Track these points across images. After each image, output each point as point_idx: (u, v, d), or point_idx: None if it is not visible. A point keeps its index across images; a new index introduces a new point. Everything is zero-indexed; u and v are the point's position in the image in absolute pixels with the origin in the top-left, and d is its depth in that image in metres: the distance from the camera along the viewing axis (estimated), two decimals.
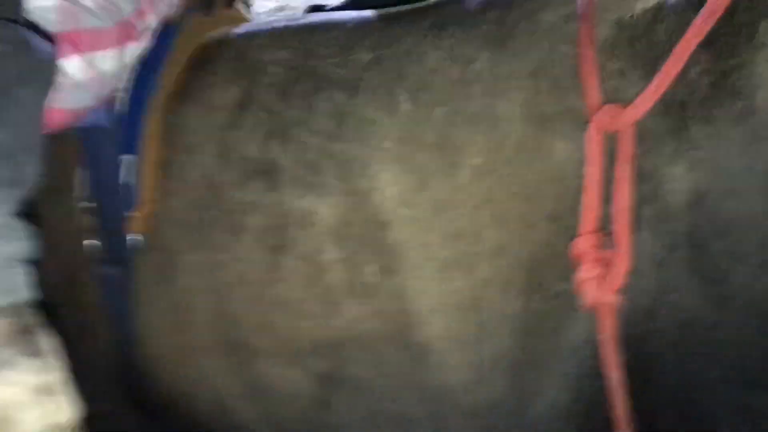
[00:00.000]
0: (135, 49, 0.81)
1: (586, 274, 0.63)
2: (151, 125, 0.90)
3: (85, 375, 0.92)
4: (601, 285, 0.62)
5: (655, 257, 0.63)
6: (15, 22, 0.65)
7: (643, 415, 0.65)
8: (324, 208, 0.78)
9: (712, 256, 0.61)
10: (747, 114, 0.60)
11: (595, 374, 0.65)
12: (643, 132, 0.63)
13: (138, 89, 0.92)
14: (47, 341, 0.58)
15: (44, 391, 0.57)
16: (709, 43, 0.61)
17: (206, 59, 0.92)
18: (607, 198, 0.65)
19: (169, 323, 0.91)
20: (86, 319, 0.95)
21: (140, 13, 0.82)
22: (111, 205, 0.91)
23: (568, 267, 0.67)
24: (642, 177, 0.63)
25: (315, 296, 0.78)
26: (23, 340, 0.56)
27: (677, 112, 0.62)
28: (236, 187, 0.84)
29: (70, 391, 0.58)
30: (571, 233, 0.67)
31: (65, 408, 0.58)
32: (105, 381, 0.95)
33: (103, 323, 0.94)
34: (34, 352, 0.56)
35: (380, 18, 0.84)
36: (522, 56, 0.70)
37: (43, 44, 0.66)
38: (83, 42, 0.73)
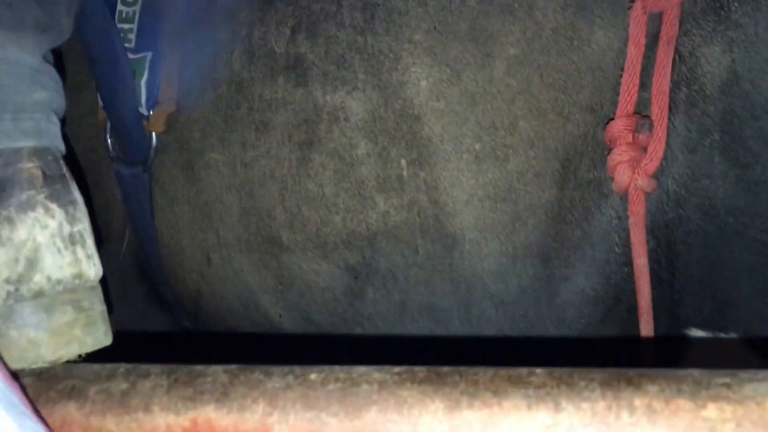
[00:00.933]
0: None
1: (620, 157, 0.62)
2: (170, 20, 0.88)
3: (110, 273, 0.95)
4: (634, 168, 0.62)
5: (688, 142, 0.63)
6: None
7: (667, 300, 0.66)
8: (355, 103, 0.77)
9: (745, 140, 0.61)
10: None
11: (623, 260, 0.66)
12: (684, 13, 0.62)
13: None
14: (77, 191, 0.59)
15: (74, 239, 0.57)
16: None
17: None
18: (644, 83, 0.63)
19: (193, 220, 0.91)
20: (110, 217, 0.95)
21: None
22: (126, 103, 0.88)
23: (602, 155, 0.66)
24: (680, 59, 0.62)
25: (346, 191, 0.79)
26: (54, 186, 0.56)
27: None
28: (263, 83, 0.82)
29: (95, 246, 0.60)
30: (605, 123, 0.66)
31: (93, 260, 0.59)
32: (129, 279, 0.97)
33: (126, 221, 0.94)
34: (65, 201, 0.56)
35: None
36: None
37: None
38: None
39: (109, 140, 0.90)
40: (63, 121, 0.61)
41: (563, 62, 0.68)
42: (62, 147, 0.60)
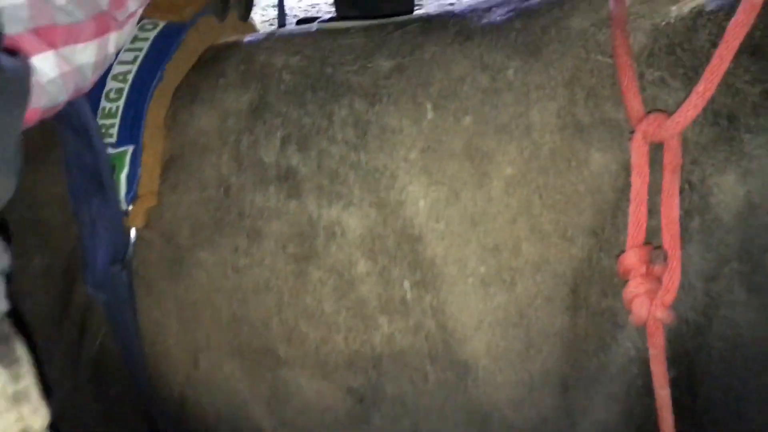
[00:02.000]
0: (118, 37, 0.76)
1: (636, 289, 0.61)
2: (154, 115, 0.86)
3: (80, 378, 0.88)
4: (651, 301, 0.60)
5: (705, 271, 0.61)
6: None
7: (691, 430, 0.64)
8: (351, 220, 0.75)
9: (765, 268, 0.60)
10: None
11: (644, 392, 0.64)
12: (689, 142, 0.61)
13: (140, 80, 0.87)
14: (21, 348, 0.58)
15: (18, 397, 0.57)
16: (757, 51, 0.59)
17: (216, 61, 0.89)
18: (651, 210, 0.62)
19: (181, 319, 0.87)
20: (87, 323, 0.91)
21: (117, 2, 0.76)
22: (104, 198, 0.85)
23: (611, 283, 0.65)
24: (690, 188, 0.61)
25: (347, 309, 0.76)
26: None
27: (726, 122, 0.59)
28: (255, 191, 0.81)
29: (41, 395, 0.59)
30: (612, 248, 0.65)
31: (39, 413, 0.58)
32: (112, 386, 0.92)
33: (105, 324, 0.90)
34: (9, 360, 0.56)
35: (394, 26, 0.81)
36: (555, 65, 0.67)
37: (5, 57, 0.62)
38: (58, 37, 0.68)
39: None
40: (8, 277, 0.58)
41: (562, 183, 0.66)
42: (4, 306, 0.59)
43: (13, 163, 0.55)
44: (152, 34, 0.88)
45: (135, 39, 0.89)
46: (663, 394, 0.60)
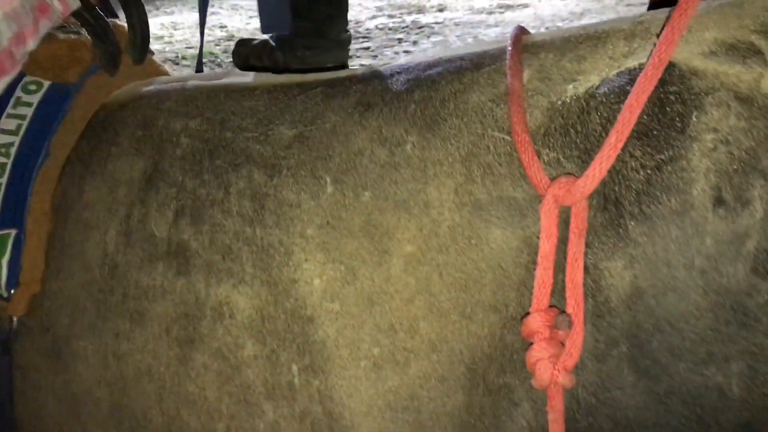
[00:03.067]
0: (8, 79, 0.74)
1: (539, 353, 0.60)
2: (39, 197, 0.82)
3: None
4: (554, 365, 0.57)
5: (596, 352, 0.63)
6: None
7: None
8: (241, 299, 0.72)
9: (652, 352, 0.61)
10: (683, 210, 0.59)
11: None
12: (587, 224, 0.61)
13: (24, 156, 0.83)
14: None
15: None
16: (642, 135, 0.61)
17: (108, 125, 0.86)
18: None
19: (59, 413, 0.82)
20: None
21: (19, 38, 0.71)
22: None
23: (512, 359, 0.62)
24: (584, 271, 0.62)
25: (230, 395, 0.74)
26: None
27: (614, 208, 0.62)
28: (141, 269, 0.78)
29: None
30: (517, 324, 0.63)
31: None
32: None
33: None
34: None
35: (299, 89, 0.81)
36: (453, 140, 0.69)
37: None
38: None
39: None
40: None
41: (462, 261, 0.67)
42: None
43: None
44: (36, 99, 0.85)
45: (17, 103, 0.85)
46: None
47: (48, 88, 0.84)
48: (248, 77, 0.89)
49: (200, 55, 1.26)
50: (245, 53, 1.67)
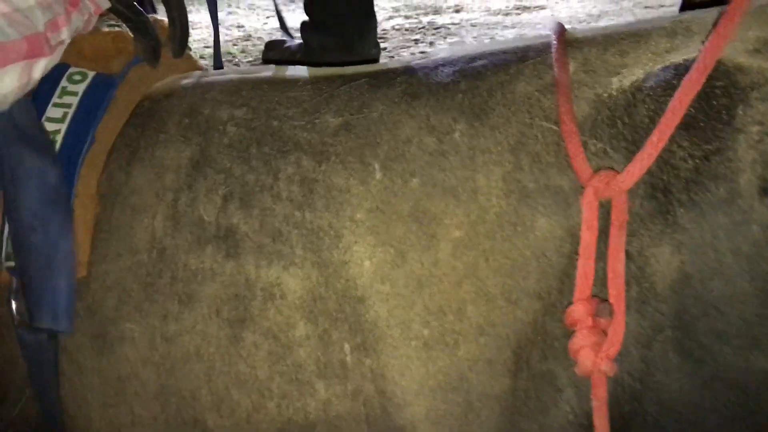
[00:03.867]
0: (47, 63, 0.74)
1: (582, 341, 0.61)
2: (85, 182, 0.83)
3: None
4: (596, 353, 0.58)
5: (641, 338, 0.64)
6: None
7: None
8: (292, 280, 0.73)
9: (698, 337, 0.62)
10: (730, 198, 0.60)
11: None
12: (629, 214, 0.62)
13: (70, 142, 0.84)
14: None
15: None
16: (690, 127, 0.63)
17: (155, 113, 0.87)
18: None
19: (104, 394, 0.83)
20: (10, 386, 0.86)
21: (54, 25, 0.73)
22: (35, 266, 0.81)
23: (553, 346, 0.63)
24: (629, 258, 0.64)
25: (282, 375, 0.74)
26: None
27: (662, 196, 0.64)
28: (189, 252, 0.78)
29: None
30: (557, 312, 0.63)
31: None
32: None
33: (29, 392, 0.85)
34: None
35: (342, 80, 0.83)
36: (501, 129, 0.69)
37: None
38: None
39: (13, 303, 0.83)
40: None
41: (508, 247, 0.68)
42: None
43: None
44: (81, 88, 0.85)
45: (63, 92, 0.86)
46: None
47: (92, 78, 0.85)
48: (290, 71, 0.91)
49: (217, 52, 1.26)
50: (274, 60, 1.68)
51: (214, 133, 0.81)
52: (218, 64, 1.25)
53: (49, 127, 0.83)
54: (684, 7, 1.14)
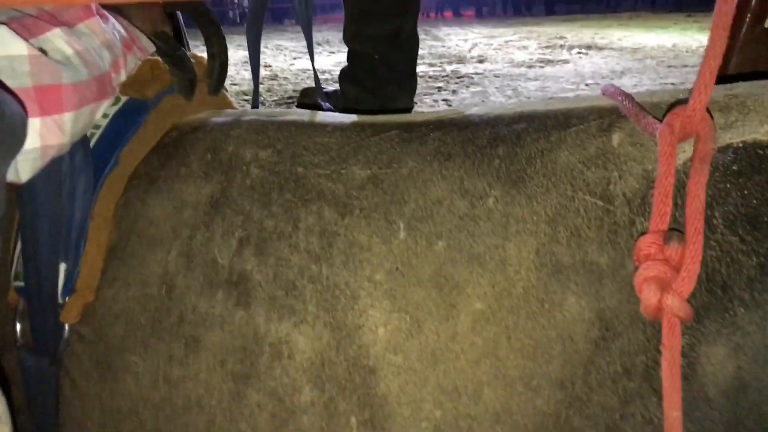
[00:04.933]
0: (106, 104, 0.73)
1: (646, 272, 0.52)
2: (103, 204, 0.79)
3: None
4: (663, 288, 0.51)
5: None
6: None
7: None
8: (302, 339, 0.67)
9: None
10: None
11: None
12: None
13: (95, 163, 0.80)
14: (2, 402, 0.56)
15: None
16: (754, 221, 0.54)
17: (180, 145, 0.82)
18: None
19: (102, 424, 0.78)
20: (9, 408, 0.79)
21: (116, 66, 0.71)
22: (43, 287, 0.78)
23: None
24: (684, 359, 0.56)
25: None
26: None
27: (720, 292, 0.55)
28: (200, 295, 0.73)
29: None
30: (584, 407, 0.56)
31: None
32: None
33: (27, 416, 0.81)
34: None
35: (372, 130, 0.77)
36: (539, 199, 0.63)
37: (11, 101, 0.55)
38: (52, 101, 0.61)
39: (18, 325, 0.80)
40: None
41: (532, 326, 0.62)
42: None
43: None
44: (112, 111, 0.82)
45: None
46: (673, 416, 0.48)
47: (125, 102, 0.82)
48: (318, 115, 0.86)
49: (255, 94, 1.24)
50: (309, 105, 1.66)
51: (237, 173, 0.76)
52: (255, 104, 1.23)
53: None
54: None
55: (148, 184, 0.80)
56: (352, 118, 0.82)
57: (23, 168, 0.64)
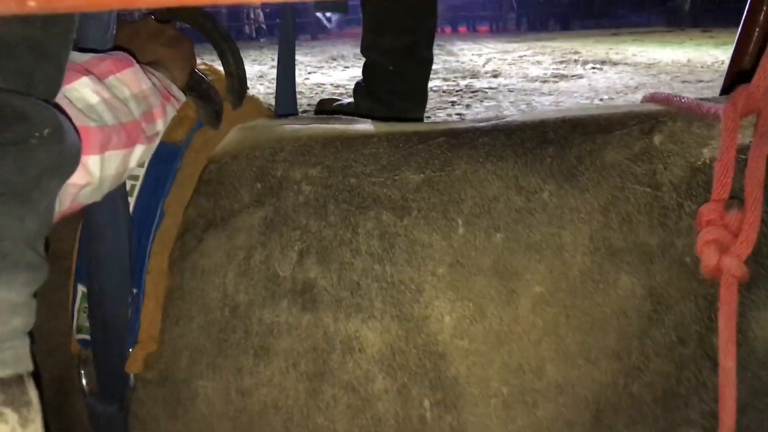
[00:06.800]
0: (142, 151, 0.76)
1: (708, 235, 0.59)
2: (157, 258, 0.83)
3: None
4: (723, 250, 0.58)
5: (738, 401, 0.60)
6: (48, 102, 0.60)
7: None
8: (371, 333, 0.73)
9: None
10: None
11: None
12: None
13: (141, 216, 0.84)
14: (33, 390, 0.58)
15: None
16: None
17: (225, 179, 0.85)
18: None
19: None
20: None
21: (149, 117, 0.76)
22: (107, 340, 0.83)
23: (635, 411, 0.62)
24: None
25: (361, 428, 0.74)
26: (9, 389, 0.56)
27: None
28: (264, 307, 0.78)
29: None
30: (641, 374, 0.63)
31: None
32: None
33: None
34: (20, 403, 0.56)
35: (419, 138, 0.82)
36: (591, 191, 0.71)
37: (72, 130, 0.62)
38: (88, 141, 0.67)
39: (82, 372, 0.85)
40: (31, 335, 0.60)
41: (589, 304, 0.68)
42: (30, 367, 0.59)
43: (48, 216, 0.60)
44: (146, 161, 0.84)
45: None
46: (728, 366, 0.55)
47: (158, 147, 0.83)
48: (358, 125, 0.90)
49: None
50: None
51: (289, 193, 0.80)
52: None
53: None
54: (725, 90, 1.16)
55: (205, 224, 0.83)
56: (396, 127, 0.87)
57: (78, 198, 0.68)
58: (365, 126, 0.89)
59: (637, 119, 0.73)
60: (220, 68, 0.96)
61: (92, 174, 0.68)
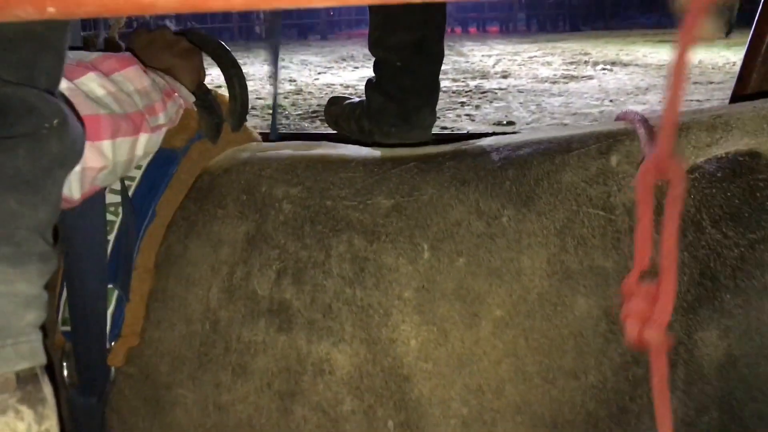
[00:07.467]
0: (147, 140, 0.80)
1: (627, 310, 0.60)
2: (144, 255, 0.87)
3: None
4: (644, 321, 0.59)
5: (686, 418, 0.64)
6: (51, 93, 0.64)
7: None
8: (341, 356, 0.76)
9: (743, 420, 0.62)
10: None
11: None
12: (676, 300, 0.64)
13: (132, 215, 0.88)
14: (47, 387, 0.61)
15: None
16: (735, 217, 0.63)
17: (214, 188, 0.91)
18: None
19: None
20: None
21: (151, 110, 0.80)
22: (90, 333, 0.85)
23: (591, 427, 0.65)
24: (678, 342, 0.65)
25: None
26: (25, 387, 0.59)
27: (710, 282, 0.64)
28: (243, 325, 0.81)
29: None
30: (593, 392, 0.66)
31: None
32: None
33: None
34: (35, 400, 0.59)
35: (393, 163, 0.86)
36: (547, 215, 0.73)
37: (75, 120, 0.65)
38: (92, 128, 0.70)
39: (64, 365, 0.87)
40: (43, 328, 0.63)
41: (547, 326, 0.70)
42: (44, 360, 0.62)
43: (57, 206, 0.63)
44: (145, 162, 0.89)
45: None
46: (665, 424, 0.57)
47: (157, 152, 0.88)
48: (340, 149, 0.94)
49: (274, 123, 1.33)
50: (336, 113, 1.75)
51: (270, 210, 0.84)
52: (274, 133, 1.27)
53: (113, 199, 0.87)
54: (735, 98, 1.18)
55: (188, 229, 0.87)
56: (374, 152, 0.90)
57: (74, 186, 0.72)
58: (347, 150, 0.93)
59: (596, 139, 0.75)
60: (225, 93, 1.02)
61: (107, 158, 0.72)
